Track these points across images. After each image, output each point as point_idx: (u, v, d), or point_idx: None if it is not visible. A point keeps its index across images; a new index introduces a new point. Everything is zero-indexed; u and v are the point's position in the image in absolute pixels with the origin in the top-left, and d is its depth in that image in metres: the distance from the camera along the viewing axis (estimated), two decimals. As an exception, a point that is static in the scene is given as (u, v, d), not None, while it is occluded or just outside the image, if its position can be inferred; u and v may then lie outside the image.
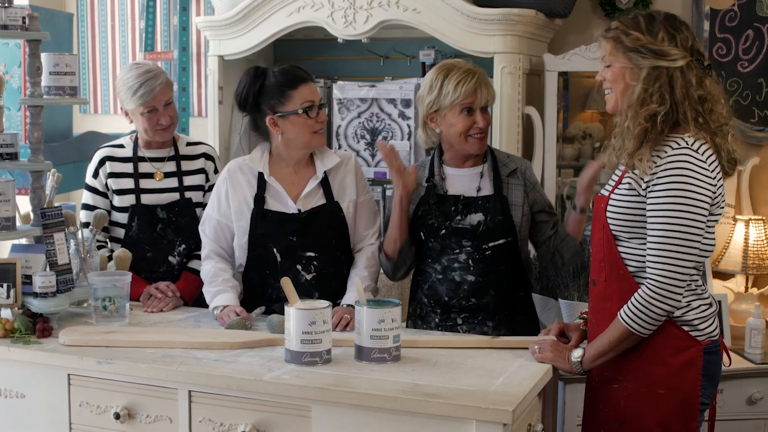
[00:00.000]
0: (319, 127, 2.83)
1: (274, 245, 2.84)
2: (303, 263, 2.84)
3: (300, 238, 2.83)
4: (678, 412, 2.31)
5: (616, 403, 2.37)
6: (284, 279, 2.41)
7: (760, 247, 3.56)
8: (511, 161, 2.88)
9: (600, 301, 2.40)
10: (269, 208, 2.85)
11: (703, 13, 3.77)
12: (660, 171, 2.22)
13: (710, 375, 2.33)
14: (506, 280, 2.82)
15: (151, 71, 3.07)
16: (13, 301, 2.63)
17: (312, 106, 2.81)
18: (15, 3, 2.75)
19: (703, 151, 2.24)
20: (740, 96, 3.76)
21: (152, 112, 3.06)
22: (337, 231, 2.88)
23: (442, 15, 3.50)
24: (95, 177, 3.15)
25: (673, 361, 2.29)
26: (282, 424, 2.24)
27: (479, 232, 2.78)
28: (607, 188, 2.43)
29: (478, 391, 2.13)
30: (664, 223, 2.21)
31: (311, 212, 2.85)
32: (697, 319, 2.29)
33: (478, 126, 2.77)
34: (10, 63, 3.90)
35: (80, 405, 2.45)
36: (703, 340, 2.30)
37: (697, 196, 2.20)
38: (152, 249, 3.12)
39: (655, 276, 2.23)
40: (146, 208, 3.10)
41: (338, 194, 2.89)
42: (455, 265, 2.81)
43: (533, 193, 2.85)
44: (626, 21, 2.33)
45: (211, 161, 3.26)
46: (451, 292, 2.83)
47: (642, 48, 2.28)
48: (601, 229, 2.38)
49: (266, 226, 2.84)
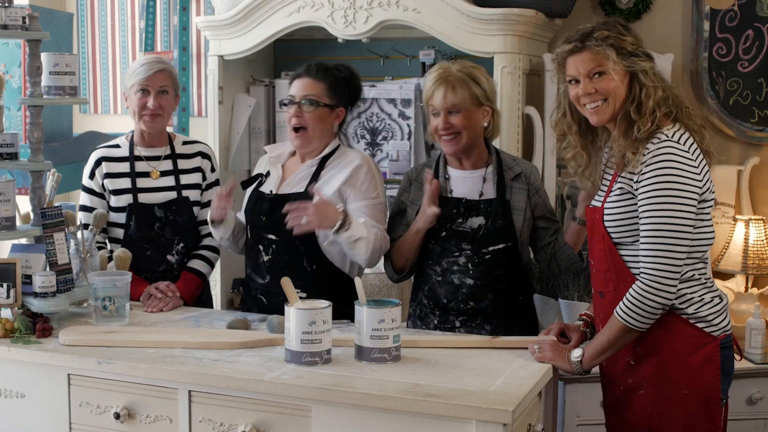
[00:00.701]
0: (293, 122, 2.89)
1: (249, 222, 2.99)
2: (264, 244, 2.93)
3: (267, 219, 2.92)
4: (703, 410, 2.31)
5: (641, 409, 2.37)
6: (284, 279, 2.41)
7: (760, 247, 3.56)
8: (516, 165, 2.87)
9: (612, 309, 2.36)
10: (261, 189, 2.99)
11: (703, 13, 3.77)
12: (644, 167, 2.23)
13: (726, 370, 2.34)
14: (505, 284, 2.82)
15: (158, 59, 3.16)
16: (13, 301, 2.63)
17: (289, 100, 2.90)
18: (15, 3, 2.75)
19: (684, 141, 2.26)
20: (740, 96, 3.76)
21: (143, 93, 3.08)
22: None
23: (442, 15, 3.50)
24: (91, 178, 3.14)
25: (691, 361, 2.29)
26: (282, 424, 2.24)
27: (479, 236, 2.78)
28: (598, 199, 2.43)
29: (478, 391, 2.13)
30: (653, 216, 2.22)
31: (281, 196, 2.92)
32: (711, 314, 2.30)
33: (440, 128, 2.78)
34: (10, 63, 3.90)
35: (80, 405, 2.45)
36: (718, 335, 2.31)
37: (684, 186, 2.21)
38: (151, 248, 3.12)
39: (647, 269, 2.23)
40: (143, 207, 3.10)
41: (322, 185, 2.86)
42: (454, 267, 2.81)
43: (535, 198, 2.85)
44: (611, 27, 2.33)
45: (208, 159, 3.26)
46: (450, 294, 2.83)
47: (638, 51, 2.30)
48: (601, 239, 2.37)
49: (249, 203, 3.01)
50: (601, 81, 2.32)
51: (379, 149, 4.01)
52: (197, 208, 3.20)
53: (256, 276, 2.96)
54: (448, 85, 2.76)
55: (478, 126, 2.80)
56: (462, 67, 2.81)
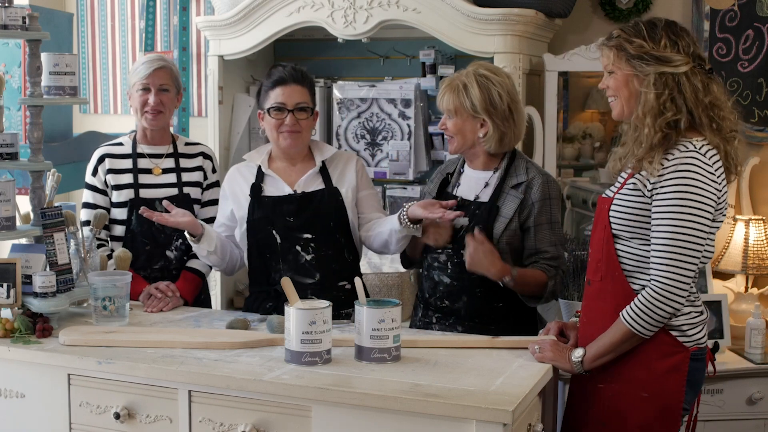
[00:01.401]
0: (285, 128, 2.89)
1: (272, 227, 2.91)
2: (302, 244, 2.90)
3: (296, 219, 2.90)
4: (660, 416, 2.32)
5: (600, 402, 2.39)
6: (284, 279, 2.41)
7: (760, 247, 3.56)
8: (524, 173, 2.80)
9: (593, 300, 2.41)
10: (266, 194, 2.94)
11: (703, 13, 3.77)
12: (667, 173, 2.23)
13: (693, 381, 2.34)
14: (480, 288, 2.79)
15: (160, 58, 3.19)
16: (13, 301, 2.63)
17: (280, 108, 2.88)
18: (15, 3, 2.75)
19: (710, 156, 2.24)
20: (740, 96, 3.76)
21: (145, 91, 3.11)
22: (336, 215, 2.93)
23: (442, 15, 3.50)
24: (94, 175, 3.17)
25: (658, 366, 2.30)
26: (282, 424, 2.24)
27: (459, 237, 2.79)
28: (612, 189, 2.43)
29: (478, 391, 2.13)
30: (670, 225, 2.21)
31: (306, 194, 2.92)
32: (686, 325, 2.30)
33: (441, 128, 2.86)
34: (10, 63, 3.90)
35: (80, 405, 2.45)
36: (690, 347, 2.31)
37: (703, 199, 2.20)
38: (150, 243, 3.13)
39: (659, 278, 2.23)
40: (145, 203, 3.10)
41: (337, 181, 2.97)
42: (435, 264, 2.86)
43: (530, 209, 2.77)
44: (627, 29, 2.34)
45: (209, 160, 3.29)
46: (430, 290, 2.88)
47: (645, 55, 2.28)
48: (603, 229, 2.38)
49: (263, 209, 2.92)
50: (610, 78, 2.37)
51: (379, 149, 4.01)
52: (198, 206, 3.20)
53: (301, 278, 2.86)
54: (446, 89, 2.81)
55: (470, 134, 2.79)
56: (467, 73, 2.79)
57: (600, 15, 3.93)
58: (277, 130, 2.90)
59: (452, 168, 2.96)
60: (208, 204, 3.23)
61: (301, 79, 2.92)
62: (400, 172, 3.96)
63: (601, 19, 3.91)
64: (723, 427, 3.29)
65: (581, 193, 3.78)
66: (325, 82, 4.09)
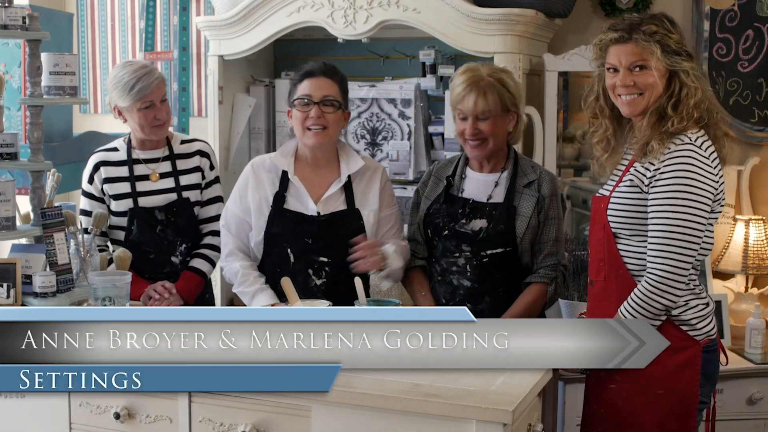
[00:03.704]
0: (310, 122, 2.79)
1: (288, 245, 2.83)
2: (315, 267, 2.82)
3: (315, 242, 2.81)
4: (676, 411, 2.31)
5: (613, 403, 2.38)
6: (284, 279, 2.42)
7: (760, 247, 3.56)
8: (533, 172, 2.83)
9: (598, 301, 2.40)
10: (288, 207, 2.84)
11: (703, 13, 3.77)
12: (663, 166, 2.23)
13: (708, 374, 2.33)
14: (502, 288, 2.81)
15: (146, 67, 3.07)
16: (13, 301, 2.63)
17: (307, 101, 2.79)
18: (15, 3, 2.75)
19: (706, 148, 2.25)
20: (740, 96, 3.76)
21: (149, 108, 3.04)
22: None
23: (442, 15, 3.50)
24: (90, 183, 3.13)
25: (671, 362, 2.29)
26: (282, 424, 2.24)
27: (479, 239, 2.78)
28: (607, 188, 2.43)
29: (478, 391, 2.13)
30: (666, 217, 2.21)
31: (330, 216, 2.83)
32: (695, 318, 2.29)
33: (468, 134, 2.77)
34: (10, 63, 3.90)
35: (80, 405, 2.45)
36: (701, 340, 2.30)
37: (700, 191, 2.20)
38: (154, 251, 3.11)
39: (655, 270, 2.23)
40: (144, 211, 3.09)
41: (360, 202, 2.86)
42: (453, 268, 2.82)
43: (542, 204, 2.80)
44: (656, 23, 2.31)
45: (207, 158, 3.24)
46: (448, 295, 2.84)
47: (682, 50, 2.29)
48: (602, 228, 2.38)
49: (283, 225, 2.83)
50: (641, 75, 2.32)
51: (379, 149, 4.01)
52: (198, 207, 3.19)
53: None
54: (479, 91, 2.74)
55: (504, 132, 2.81)
56: (492, 71, 2.78)
57: (600, 15, 3.93)
58: (303, 125, 2.79)
59: (450, 171, 2.90)
60: (209, 202, 3.21)
61: (330, 72, 2.83)
62: (400, 172, 3.96)
63: (601, 19, 3.91)
64: (723, 427, 3.28)
65: (581, 193, 3.78)
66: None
